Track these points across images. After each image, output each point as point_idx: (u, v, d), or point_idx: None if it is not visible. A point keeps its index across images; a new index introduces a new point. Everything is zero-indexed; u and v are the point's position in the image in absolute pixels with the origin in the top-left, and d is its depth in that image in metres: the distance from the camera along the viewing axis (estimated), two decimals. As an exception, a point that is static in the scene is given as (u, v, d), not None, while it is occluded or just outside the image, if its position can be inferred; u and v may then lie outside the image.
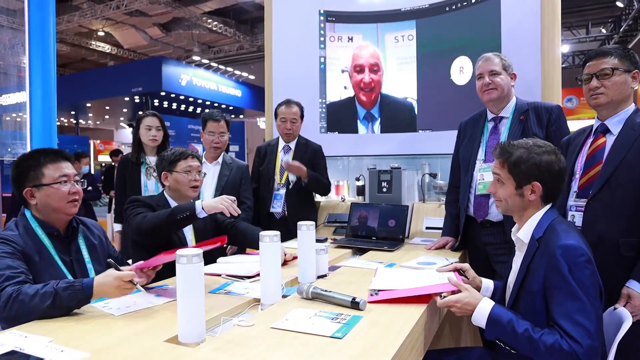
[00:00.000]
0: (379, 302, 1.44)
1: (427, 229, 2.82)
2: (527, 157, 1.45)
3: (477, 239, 2.27)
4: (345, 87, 3.69)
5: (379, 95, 3.62)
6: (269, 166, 3.01)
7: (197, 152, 2.21)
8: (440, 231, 2.53)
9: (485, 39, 3.11)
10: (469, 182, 2.28)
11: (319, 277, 1.78)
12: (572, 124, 2.28)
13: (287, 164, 2.88)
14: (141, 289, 1.39)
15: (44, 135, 3.70)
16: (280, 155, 3.01)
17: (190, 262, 1.14)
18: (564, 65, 9.11)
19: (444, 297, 1.45)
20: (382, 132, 3.60)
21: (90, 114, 17.95)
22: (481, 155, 2.27)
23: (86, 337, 1.17)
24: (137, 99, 14.06)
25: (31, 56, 3.70)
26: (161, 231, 1.94)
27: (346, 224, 2.80)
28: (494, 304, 1.41)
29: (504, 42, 3.01)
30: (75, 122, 18.78)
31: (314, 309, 1.36)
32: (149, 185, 2.87)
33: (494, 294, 1.68)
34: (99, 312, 1.39)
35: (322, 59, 3.69)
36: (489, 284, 1.71)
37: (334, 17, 3.68)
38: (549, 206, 1.51)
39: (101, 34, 15.08)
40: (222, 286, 1.67)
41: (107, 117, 18.49)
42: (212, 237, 2.03)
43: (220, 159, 2.85)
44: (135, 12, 13.06)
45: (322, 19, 3.68)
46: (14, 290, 1.31)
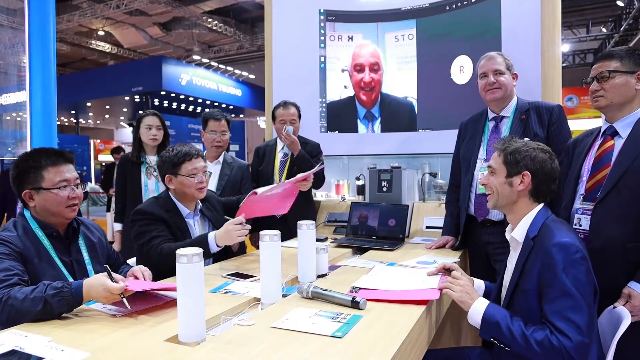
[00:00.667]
0: (375, 301, 1.44)
1: (427, 228, 2.82)
2: (523, 150, 1.52)
3: (477, 238, 2.27)
4: (345, 87, 3.69)
5: (379, 94, 3.61)
6: (268, 166, 3.01)
7: (200, 151, 2.15)
8: (440, 230, 2.53)
9: (485, 38, 3.11)
10: (470, 182, 2.28)
11: (319, 276, 1.78)
12: (573, 123, 2.28)
13: (287, 134, 2.82)
14: (127, 305, 1.32)
15: (44, 134, 3.71)
16: (279, 155, 3.01)
17: (190, 261, 1.14)
18: (564, 64, 9.09)
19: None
20: (382, 131, 3.59)
21: (90, 114, 17.98)
22: (482, 154, 2.27)
23: (86, 337, 1.17)
24: (137, 99, 14.09)
25: (31, 56, 3.70)
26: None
27: (346, 224, 2.80)
28: (489, 303, 1.42)
29: (504, 41, 3.01)
30: (75, 121, 18.81)
31: (314, 309, 1.36)
32: (149, 184, 2.87)
33: (488, 295, 1.68)
34: (99, 312, 1.39)
35: (322, 58, 3.69)
36: (480, 284, 1.72)
37: (334, 16, 3.67)
38: (542, 205, 1.52)
39: (101, 33, 15.08)
40: (222, 286, 1.67)
41: (107, 116, 18.52)
42: None
43: (221, 159, 2.85)
44: (135, 11, 13.07)
45: (322, 18, 3.68)
46: (3, 294, 1.29)
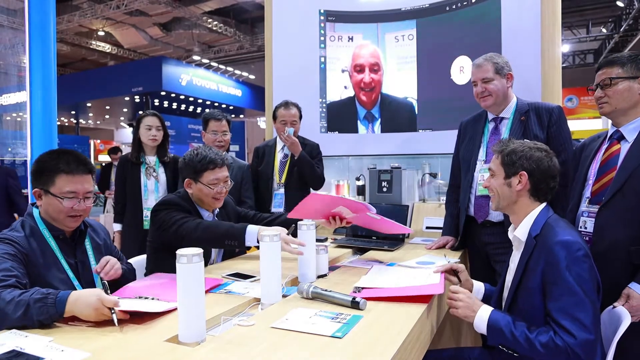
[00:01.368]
0: (373, 299, 1.45)
1: (427, 228, 2.82)
2: (519, 150, 1.53)
3: (477, 238, 2.27)
4: (345, 87, 3.69)
5: (379, 95, 3.62)
6: (268, 166, 3.01)
7: (226, 159, 2.06)
8: (440, 231, 2.53)
9: (485, 38, 3.11)
10: (470, 183, 2.28)
11: (319, 276, 1.78)
12: (573, 124, 2.28)
13: (287, 135, 2.84)
14: (116, 321, 1.23)
15: (44, 135, 3.71)
16: (278, 155, 3.01)
17: (190, 262, 1.14)
18: (564, 65, 9.08)
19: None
20: (382, 131, 3.60)
21: (90, 114, 17.98)
22: (482, 155, 2.27)
23: (86, 337, 1.17)
24: (137, 99, 14.09)
25: (31, 56, 3.70)
26: (202, 245, 1.73)
27: (346, 224, 2.79)
28: (492, 310, 1.43)
29: (504, 42, 3.01)
30: (75, 121, 18.81)
31: (314, 309, 1.36)
32: (149, 185, 2.87)
33: (489, 297, 1.69)
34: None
35: (322, 59, 3.69)
36: (479, 286, 1.73)
37: (334, 16, 3.67)
38: (544, 205, 1.53)
39: (101, 33, 15.09)
40: (222, 286, 1.67)
41: (107, 116, 18.53)
42: None
43: (221, 159, 2.84)
44: (135, 11, 13.07)
45: (322, 18, 3.68)
46: None
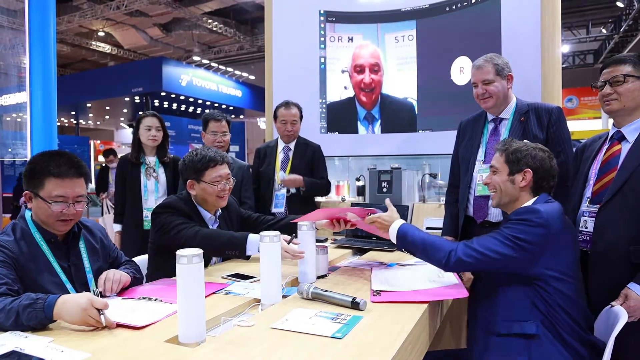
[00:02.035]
0: (380, 302, 1.45)
1: (427, 229, 2.82)
2: (524, 149, 1.63)
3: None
4: (345, 87, 3.69)
5: (379, 95, 3.62)
6: (269, 167, 3.01)
7: (226, 156, 2.06)
8: (440, 231, 2.52)
9: (485, 39, 3.11)
10: (469, 183, 2.28)
11: (319, 277, 1.78)
12: (572, 124, 2.29)
13: (282, 180, 2.90)
14: (104, 321, 1.22)
15: (44, 135, 3.71)
16: (280, 156, 3.02)
17: (190, 262, 1.14)
18: (564, 65, 9.10)
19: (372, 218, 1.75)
20: (382, 132, 3.60)
21: (90, 114, 17.97)
22: (481, 156, 2.26)
23: (86, 337, 1.17)
24: (137, 99, 14.08)
25: (31, 56, 3.70)
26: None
27: (346, 224, 2.79)
28: (404, 222, 1.68)
29: (504, 42, 3.02)
30: (75, 122, 18.79)
31: (314, 309, 1.36)
32: (149, 185, 2.87)
33: None
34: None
35: (322, 59, 3.69)
36: None
37: (334, 17, 3.68)
38: (542, 194, 1.62)
39: (101, 34, 15.09)
40: (223, 287, 1.67)
41: (107, 117, 18.51)
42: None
43: (220, 159, 2.85)
44: (135, 12, 13.06)
45: (322, 19, 3.68)
46: None
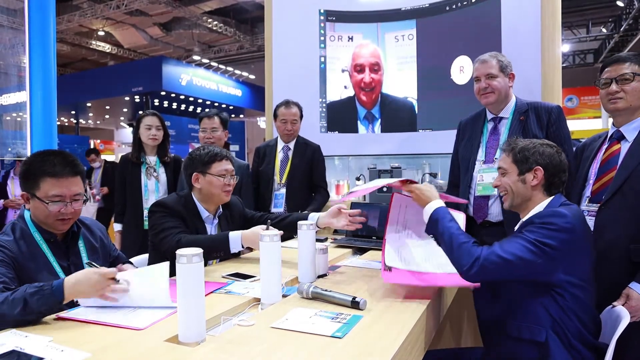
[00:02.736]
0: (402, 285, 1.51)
1: (427, 228, 2.81)
2: (530, 147, 1.55)
3: (476, 238, 2.26)
4: (345, 87, 3.69)
5: (379, 95, 3.62)
6: (269, 166, 3.01)
7: (229, 153, 2.12)
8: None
9: (485, 38, 3.11)
10: (469, 183, 2.27)
11: (319, 276, 1.78)
12: (572, 124, 2.28)
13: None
14: (122, 288, 1.31)
15: (44, 135, 3.71)
16: (279, 155, 3.02)
17: (190, 262, 1.14)
18: (564, 64, 9.08)
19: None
20: (382, 131, 3.60)
21: (90, 114, 17.96)
22: (481, 155, 2.26)
23: (86, 337, 1.17)
24: (137, 99, 14.07)
25: (31, 56, 3.70)
26: None
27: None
28: (440, 206, 1.57)
29: (504, 41, 3.02)
30: (75, 121, 18.78)
31: (314, 309, 1.36)
32: (149, 185, 2.88)
33: None
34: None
35: (323, 59, 3.69)
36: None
37: (334, 16, 3.68)
38: (557, 195, 1.53)
39: (101, 33, 15.08)
40: (222, 286, 1.67)
41: (107, 116, 18.50)
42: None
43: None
44: (135, 11, 13.06)
45: (322, 18, 3.68)
46: None
